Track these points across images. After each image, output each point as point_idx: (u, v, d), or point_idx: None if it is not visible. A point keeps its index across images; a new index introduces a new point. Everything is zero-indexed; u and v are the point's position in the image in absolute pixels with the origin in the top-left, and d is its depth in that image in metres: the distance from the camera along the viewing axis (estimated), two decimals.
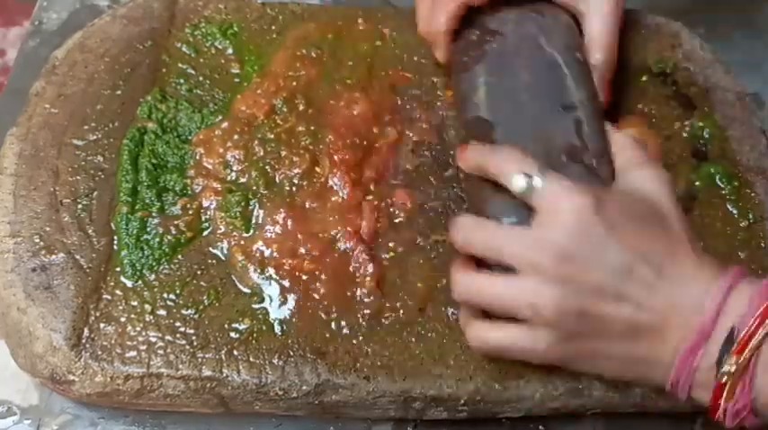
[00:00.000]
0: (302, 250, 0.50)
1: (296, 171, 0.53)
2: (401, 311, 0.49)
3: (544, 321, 0.41)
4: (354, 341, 0.48)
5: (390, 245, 0.51)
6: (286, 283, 0.49)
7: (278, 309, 0.49)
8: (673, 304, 0.40)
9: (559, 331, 0.41)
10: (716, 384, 0.38)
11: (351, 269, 0.50)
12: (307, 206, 0.52)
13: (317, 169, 0.54)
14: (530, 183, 0.42)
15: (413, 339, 0.48)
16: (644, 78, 0.60)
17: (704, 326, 0.39)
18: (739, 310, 0.38)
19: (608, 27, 0.52)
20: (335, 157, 0.54)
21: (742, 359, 0.37)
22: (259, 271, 0.50)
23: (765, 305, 0.37)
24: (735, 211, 0.53)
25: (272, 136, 0.55)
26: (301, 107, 0.57)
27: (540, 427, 0.50)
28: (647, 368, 0.41)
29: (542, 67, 0.51)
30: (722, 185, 0.55)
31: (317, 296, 0.49)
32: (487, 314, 0.44)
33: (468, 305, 0.45)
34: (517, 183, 0.42)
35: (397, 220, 0.52)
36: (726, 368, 0.37)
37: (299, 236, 0.51)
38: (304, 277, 0.49)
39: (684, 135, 0.57)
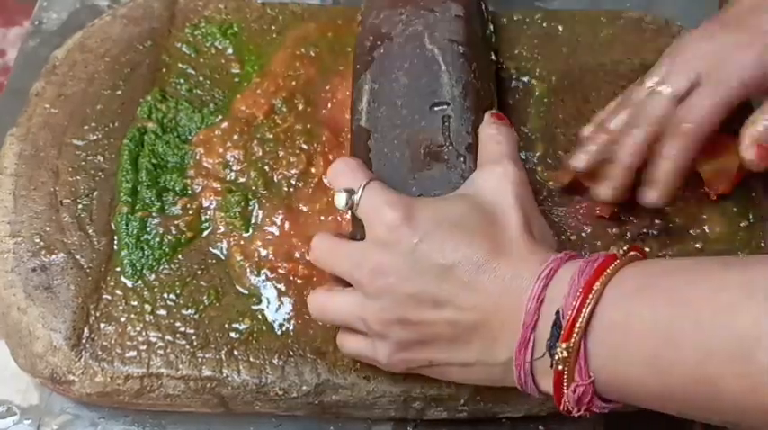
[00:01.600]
0: (297, 254, 0.50)
1: (293, 171, 0.54)
2: None
3: (374, 333, 0.42)
4: None
5: None
6: (282, 286, 0.49)
7: (276, 310, 0.49)
8: (496, 301, 0.39)
9: (391, 342, 0.41)
10: (554, 373, 0.37)
11: None
12: (302, 208, 0.52)
13: (313, 169, 0.54)
14: (349, 200, 0.42)
15: None
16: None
17: (528, 317, 0.37)
18: (561, 293, 0.37)
19: None
20: (330, 156, 0.54)
21: (572, 342, 0.36)
22: (256, 272, 0.50)
23: (584, 282, 0.36)
24: (735, 211, 0.53)
25: (272, 136, 0.55)
26: (301, 107, 0.57)
27: (540, 427, 0.50)
28: (488, 370, 0.40)
29: (421, 67, 0.51)
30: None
31: None
32: None
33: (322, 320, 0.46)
34: (338, 200, 0.43)
35: None
36: (558, 354, 0.36)
37: (295, 239, 0.51)
38: (299, 281, 0.49)
39: None
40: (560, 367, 0.36)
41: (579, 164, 0.50)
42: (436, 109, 0.49)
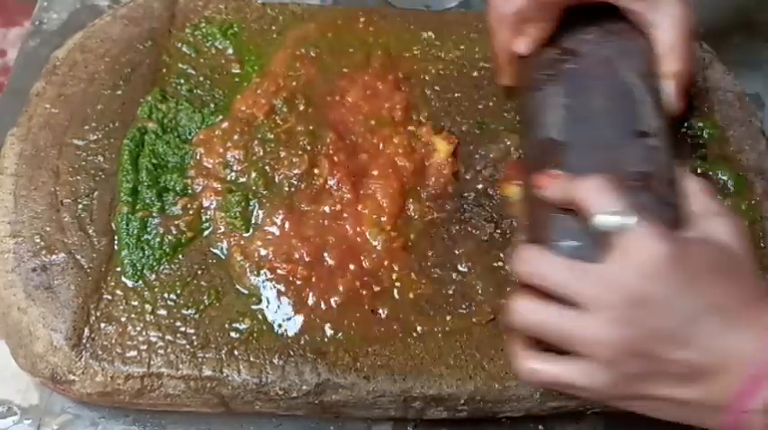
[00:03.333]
0: (297, 255, 0.50)
1: (295, 172, 0.54)
2: (401, 311, 0.49)
3: (604, 360, 0.40)
4: (354, 341, 0.48)
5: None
6: (282, 287, 0.49)
7: (276, 310, 0.49)
8: (733, 353, 0.39)
9: (617, 371, 0.40)
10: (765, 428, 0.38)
11: (340, 279, 0.50)
12: (303, 208, 0.52)
13: (316, 170, 0.54)
14: (617, 222, 0.41)
15: (413, 339, 0.48)
16: None
17: (758, 372, 0.39)
18: None
19: (682, 36, 0.51)
20: (335, 158, 0.54)
21: None
22: (256, 272, 0.50)
23: None
24: (735, 212, 0.53)
25: (272, 136, 0.55)
26: (301, 107, 0.57)
27: (540, 427, 0.50)
28: (698, 411, 0.41)
29: (618, 92, 0.50)
30: (722, 185, 0.55)
31: (310, 301, 0.49)
32: (539, 343, 0.43)
33: (524, 334, 0.44)
34: (605, 220, 0.41)
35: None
36: None
37: (295, 239, 0.51)
38: (299, 281, 0.49)
39: (684, 135, 0.57)
40: None
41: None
42: (640, 138, 0.48)
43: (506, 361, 0.47)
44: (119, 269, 0.50)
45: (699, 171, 0.55)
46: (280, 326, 0.48)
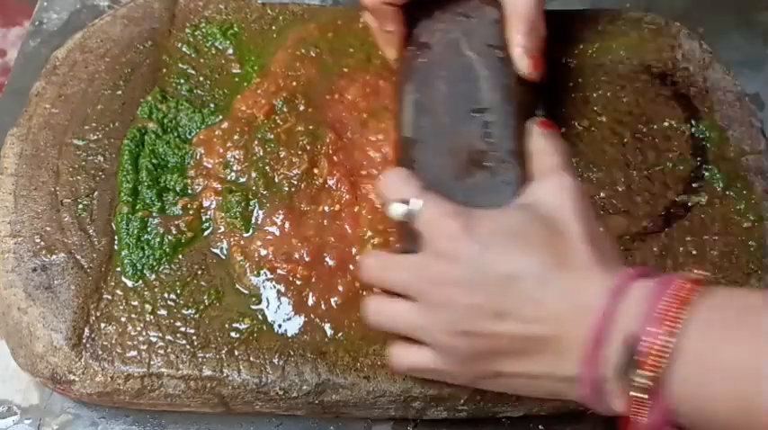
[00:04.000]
0: (297, 255, 0.50)
1: (295, 172, 0.53)
2: None
3: (441, 345, 0.41)
4: (354, 341, 0.48)
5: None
6: (282, 287, 0.49)
7: (276, 310, 0.49)
8: (560, 315, 0.38)
9: (456, 354, 0.41)
10: (630, 400, 0.36)
11: (340, 279, 0.50)
12: (303, 208, 0.52)
13: (316, 170, 0.54)
14: (406, 210, 0.42)
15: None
16: (644, 78, 0.60)
17: (597, 333, 0.36)
18: (634, 315, 0.36)
19: (529, 2, 0.50)
20: (335, 158, 0.54)
21: (656, 373, 0.35)
22: (256, 272, 0.50)
23: (665, 309, 0.35)
24: (735, 212, 0.53)
25: (272, 136, 0.55)
26: (301, 107, 0.57)
27: (540, 427, 0.50)
28: (554, 384, 0.40)
29: (459, 74, 0.50)
30: (722, 186, 0.55)
31: (310, 301, 0.49)
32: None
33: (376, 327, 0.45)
34: (394, 210, 0.43)
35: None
36: (637, 383, 0.35)
37: (295, 239, 0.51)
38: (299, 281, 0.49)
39: (684, 135, 0.57)
40: (638, 395, 0.35)
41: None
42: (476, 115, 0.48)
43: None
44: (119, 269, 0.50)
45: (700, 171, 0.55)
46: (280, 326, 0.48)
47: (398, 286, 0.43)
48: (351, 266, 0.50)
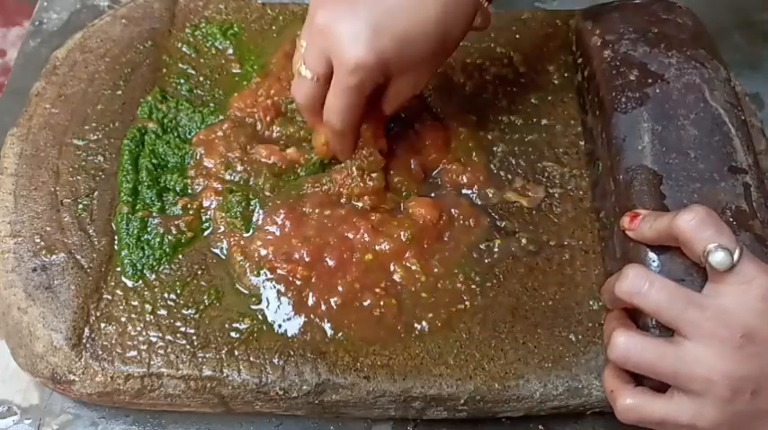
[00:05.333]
0: (296, 255, 0.50)
1: (295, 171, 0.54)
2: (402, 311, 0.49)
3: (717, 397, 0.39)
4: (354, 341, 0.48)
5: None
6: (282, 287, 0.49)
7: (276, 310, 0.49)
8: None
9: (729, 409, 0.39)
10: None
11: (340, 279, 0.50)
12: (304, 209, 0.52)
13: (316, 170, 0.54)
14: (730, 259, 0.39)
15: (413, 339, 0.48)
16: None
17: None
18: None
19: None
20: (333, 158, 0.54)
21: None
22: (256, 272, 0.50)
23: None
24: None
25: (273, 136, 0.55)
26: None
27: (540, 427, 0.50)
28: None
29: (708, 123, 0.48)
30: None
31: (310, 302, 0.49)
32: (634, 376, 0.42)
33: (622, 367, 0.42)
34: (717, 257, 0.39)
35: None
36: None
37: (295, 239, 0.51)
38: (299, 282, 0.49)
39: None
40: None
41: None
42: (735, 174, 0.47)
43: (506, 361, 0.47)
44: (119, 269, 0.50)
45: None
46: (280, 326, 0.48)
47: (678, 317, 0.40)
48: (351, 266, 0.50)
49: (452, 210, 0.53)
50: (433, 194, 0.54)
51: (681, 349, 0.39)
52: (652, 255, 0.43)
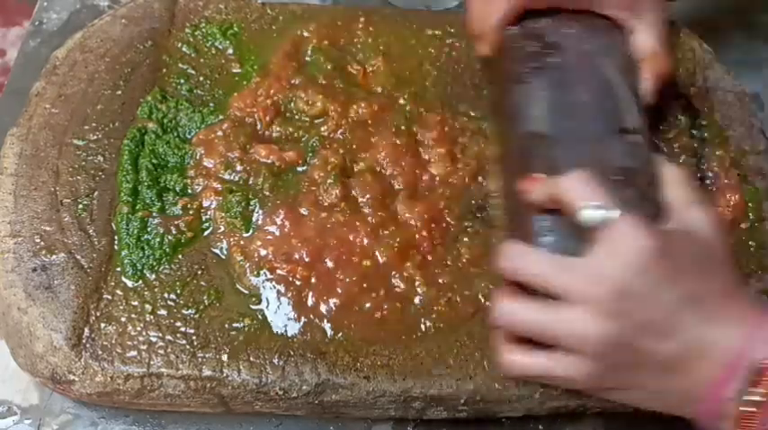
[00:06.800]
0: (296, 256, 0.50)
1: (296, 171, 0.54)
2: (402, 311, 0.49)
3: (591, 353, 0.41)
4: (354, 341, 0.48)
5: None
6: (282, 287, 0.49)
7: (276, 310, 0.49)
8: (710, 341, 0.40)
9: (603, 364, 0.41)
10: (740, 414, 0.39)
11: (339, 280, 0.50)
12: (304, 209, 0.52)
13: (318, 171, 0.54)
14: (602, 216, 0.41)
15: (413, 339, 0.48)
16: None
17: (734, 360, 0.39)
18: (765, 344, 0.39)
19: (662, 41, 0.54)
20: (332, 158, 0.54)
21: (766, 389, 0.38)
22: (256, 273, 0.50)
23: None
24: (734, 212, 0.53)
25: (273, 136, 0.55)
26: (301, 107, 0.57)
27: (540, 427, 0.50)
28: (676, 399, 0.42)
29: (601, 88, 0.51)
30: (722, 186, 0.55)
31: (310, 302, 0.49)
32: (522, 338, 0.44)
33: (508, 330, 0.45)
34: (590, 215, 0.42)
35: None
36: (751, 397, 0.38)
37: (294, 240, 0.50)
38: (298, 283, 0.49)
39: (684, 135, 0.57)
40: (750, 409, 0.38)
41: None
42: (625, 135, 0.49)
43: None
44: (119, 269, 0.50)
45: (700, 171, 0.55)
46: (280, 326, 0.48)
47: (556, 284, 0.42)
48: (351, 267, 0.50)
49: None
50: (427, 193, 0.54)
51: (558, 310, 0.41)
52: (540, 217, 0.45)
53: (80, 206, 0.52)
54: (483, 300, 0.49)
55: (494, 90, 0.57)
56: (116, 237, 0.51)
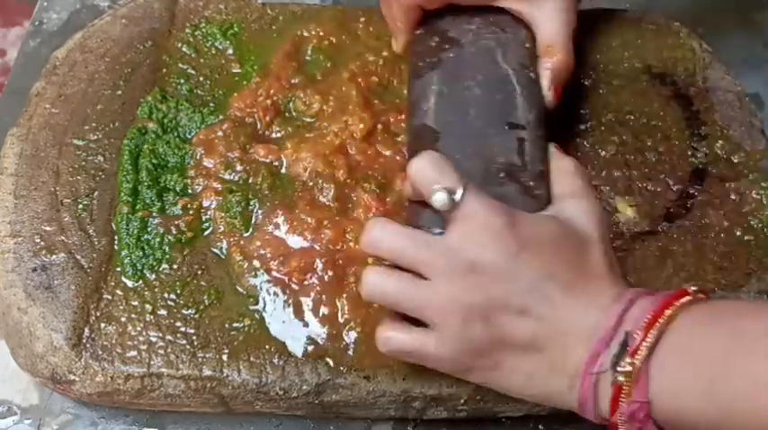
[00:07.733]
0: (295, 256, 0.50)
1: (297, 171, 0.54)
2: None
3: (450, 327, 0.42)
4: (355, 340, 0.48)
5: None
6: (280, 287, 0.49)
7: (273, 311, 0.49)
8: (576, 322, 0.41)
9: (463, 338, 0.42)
10: (614, 388, 0.39)
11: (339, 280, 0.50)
12: (297, 210, 0.52)
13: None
14: (450, 198, 0.42)
15: None
16: (644, 78, 0.60)
17: (604, 336, 0.40)
18: (635, 321, 0.39)
19: (562, 33, 0.53)
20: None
21: (636, 359, 0.38)
22: (254, 273, 0.50)
23: (656, 308, 0.39)
24: (734, 212, 0.53)
25: (273, 136, 0.55)
26: (301, 107, 0.57)
27: (540, 427, 0.50)
28: (549, 383, 0.42)
29: (494, 83, 0.51)
30: (722, 186, 0.55)
31: (310, 302, 0.49)
32: (407, 318, 0.44)
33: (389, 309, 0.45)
34: (437, 199, 0.42)
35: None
36: (621, 369, 0.38)
37: (294, 241, 0.50)
38: (296, 283, 0.49)
39: (684, 135, 0.57)
40: (621, 379, 0.38)
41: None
42: (512, 130, 0.49)
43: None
44: (119, 269, 0.50)
45: (700, 171, 0.55)
46: (280, 325, 0.48)
47: (415, 262, 0.42)
48: (351, 267, 0.50)
49: None
50: None
51: (420, 286, 0.42)
52: (413, 207, 0.46)
53: (80, 206, 0.52)
54: None
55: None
56: (116, 237, 0.51)
